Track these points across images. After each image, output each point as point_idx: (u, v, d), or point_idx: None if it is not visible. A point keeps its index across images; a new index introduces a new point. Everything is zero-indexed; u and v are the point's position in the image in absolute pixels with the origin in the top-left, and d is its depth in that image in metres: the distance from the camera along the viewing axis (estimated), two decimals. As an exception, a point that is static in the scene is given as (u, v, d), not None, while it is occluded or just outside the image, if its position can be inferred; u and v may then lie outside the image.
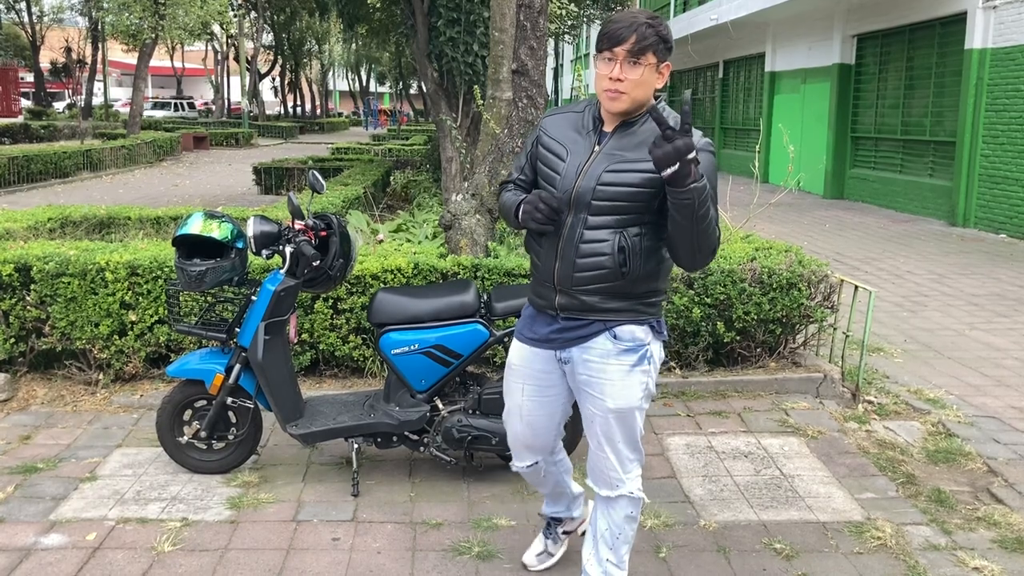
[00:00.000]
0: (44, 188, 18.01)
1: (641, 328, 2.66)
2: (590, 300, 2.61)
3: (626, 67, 2.50)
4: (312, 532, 3.53)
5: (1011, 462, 4.23)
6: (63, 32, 48.31)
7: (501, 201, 2.84)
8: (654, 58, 2.51)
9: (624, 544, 2.82)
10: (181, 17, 24.80)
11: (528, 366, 2.81)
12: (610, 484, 2.76)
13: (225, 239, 3.80)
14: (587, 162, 2.60)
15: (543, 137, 2.75)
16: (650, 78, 2.54)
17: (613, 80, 2.51)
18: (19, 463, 4.13)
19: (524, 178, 2.84)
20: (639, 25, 2.49)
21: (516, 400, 2.86)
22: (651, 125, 2.55)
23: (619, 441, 2.71)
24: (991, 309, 7.46)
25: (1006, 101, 11.73)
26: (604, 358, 2.65)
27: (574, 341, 2.68)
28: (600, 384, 2.66)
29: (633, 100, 2.54)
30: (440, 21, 9.91)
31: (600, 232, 2.56)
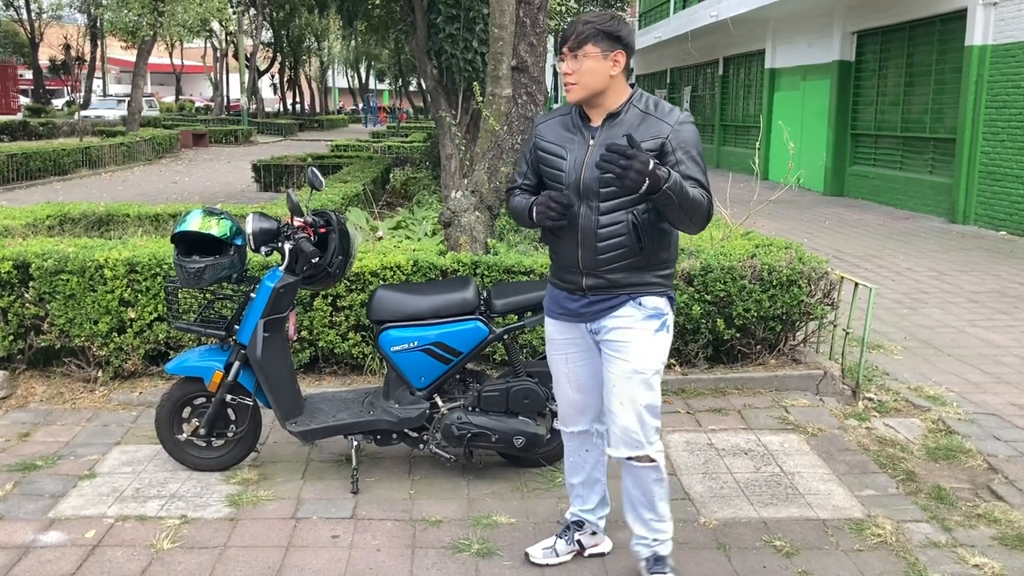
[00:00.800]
0: (43, 185, 18.00)
1: (661, 299, 2.95)
2: (615, 277, 2.89)
3: (571, 61, 2.83)
4: (311, 529, 3.52)
5: (1011, 459, 4.23)
6: (62, 29, 48.27)
7: (512, 206, 3.11)
8: (595, 48, 2.80)
9: (660, 501, 3.07)
10: (180, 14, 24.75)
11: (566, 335, 3.08)
12: (631, 444, 2.96)
13: (224, 236, 3.79)
14: (586, 155, 2.87)
15: (540, 142, 3.03)
16: (597, 66, 2.82)
17: (565, 75, 2.85)
18: (18, 461, 4.13)
19: (528, 182, 3.11)
20: (579, 24, 2.84)
21: (562, 369, 3.12)
22: (635, 112, 2.87)
23: (641, 404, 2.92)
24: (991, 306, 7.45)
25: (1006, 98, 11.72)
26: (630, 324, 2.91)
27: (603, 312, 2.94)
28: (626, 347, 2.91)
29: (586, 88, 2.84)
30: (439, 18, 9.90)
31: (614, 215, 2.83)
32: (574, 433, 3.22)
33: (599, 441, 3.22)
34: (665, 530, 3.10)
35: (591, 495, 3.29)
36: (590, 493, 3.29)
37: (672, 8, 26.57)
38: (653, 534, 3.09)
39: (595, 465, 3.26)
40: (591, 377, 3.09)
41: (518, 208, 3.07)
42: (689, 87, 26.77)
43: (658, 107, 2.87)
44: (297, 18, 44.97)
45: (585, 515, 3.31)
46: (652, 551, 3.10)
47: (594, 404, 3.14)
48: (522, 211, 3.03)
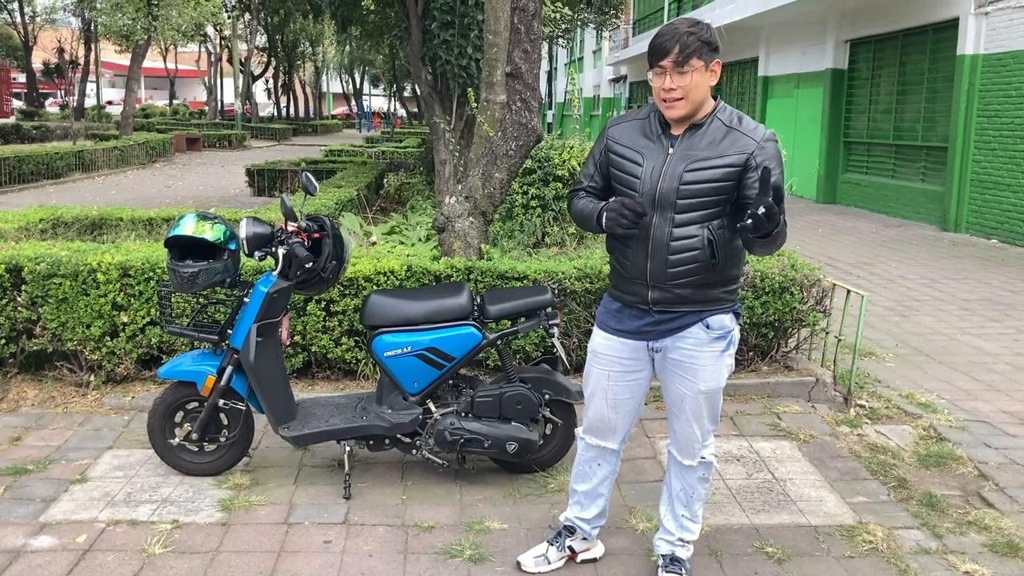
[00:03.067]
0: (36, 189, 17.96)
1: (728, 316, 2.92)
2: (683, 292, 2.83)
3: (675, 76, 2.71)
4: (304, 534, 3.52)
5: (1002, 466, 4.24)
6: (56, 33, 48.15)
7: (576, 208, 3.01)
8: (700, 62, 2.71)
9: (697, 501, 3.13)
10: (174, 18, 24.77)
11: (615, 354, 3.00)
12: (692, 454, 3.05)
13: (218, 240, 3.79)
14: (664, 164, 2.80)
15: (613, 145, 2.94)
16: (701, 80, 2.73)
17: (667, 91, 2.74)
18: (9, 464, 4.11)
19: (594, 185, 3.03)
20: (680, 35, 2.70)
21: (601, 384, 3.05)
22: (718, 125, 2.79)
23: (705, 418, 2.99)
24: (982, 314, 7.49)
25: (997, 107, 11.78)
26: (698, 346, 2.89)
27: (668, 332, 2.91)
28: (694, 369, 2.91)
29: (691, 103, 2.75)
30: (434, 24, 9.92)
31: (688, 228, 2.77)
32: (594, 445, 3.18)
33: (615, 460, 3.22)
34: (693, 531, 3.15)
35: (591, 505, 3.27)
36: (590, 503, 3.27)
37: (666, 15, 26.68)
38: (680, 532, 3.13)
39: (602, 481, 3.23)
40: (629, 399, 3.06)
41: (583, 212, 2.96)
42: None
43: (743, 122, 2.81)
44: (292, 23, 45.02)
45: (580, 522, 3.30)
46: (672, 550, 3.15)
47: (625, 426, 3.12)
48: (588, 215, 2.92)
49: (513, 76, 5.44)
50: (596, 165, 3.02)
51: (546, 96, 38.30)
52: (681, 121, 2.82)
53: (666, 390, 3.02)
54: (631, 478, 4.07)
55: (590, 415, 3.14)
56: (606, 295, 3.07)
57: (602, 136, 3.02)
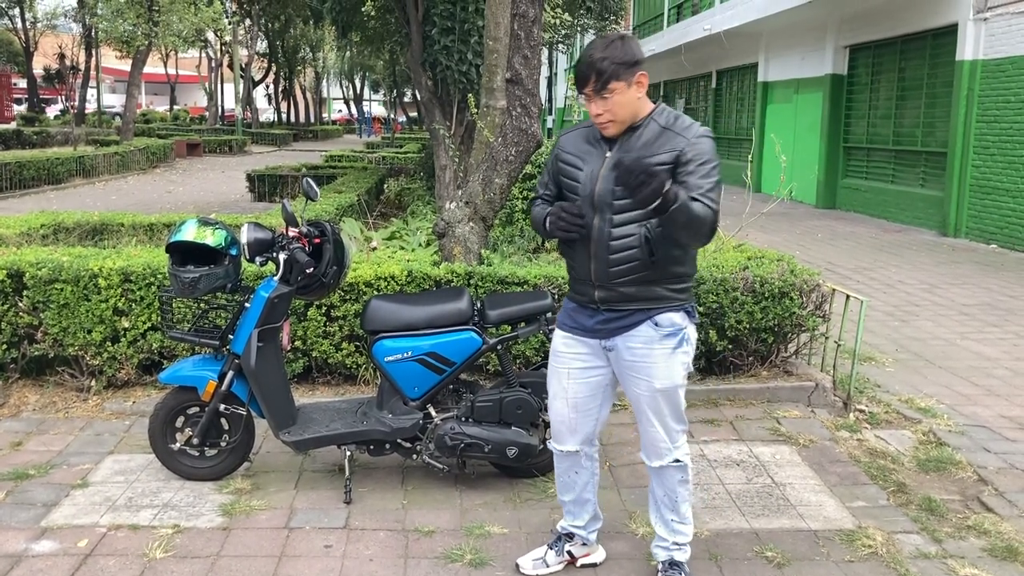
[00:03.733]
0: (37, 194, 17.98)
1: (678, 314, 2.96)
2: (627, 291, 2.90)
3: (599, 102, 2.82)
4: (304, 539, 3.52)
5: (1001, 471, 4.25)
6: (57, 38, 48.22)
7: (533, 216, 3.14)
8: (619, 83, 2.80)
9: (683, 503, 3.13)
10: (175, 24, 24.81)
11: (573, 351, 3.07)
12: (659, 454, 3.05)
13: (219, 246, 3.81)
14: (602, 167, 2.90)
15: (561, 154, 3.05)
16: (624, 99, 2.82)
17: (595, 116, 2.86)
18: (10, 469, 4.12)
19: (549, 193, 3.13)
20: (595, 62, 2.79)
21: (562, 383, 3.10)
22: (654, 127, 2.87)
23: (667, 415, 3.00)
24: (982, 319, 7.50)
25: (997, 112, 11.81)
26: (648, 344, 2.93)
27: (618, 331, 2.96)
28: (646, 367, 2.94)
29: (619, 123, 2.86)
30: (434, 30, 9.94)
31: (626, 228, 2.84)
32: (563, 453, 3.20)
33: (588, 464, 3.23)
34: (685, 533, 3.16)
35: (582, 512, 3.30)
36: (580, 511, 3.30)
37: (666, 21, 26.73)
38: (673, 536, 3.14)
39: (584, 486, 3.26)
40: (588, 397, 3.09)
41: (536, 218, 3.10)
42: (683, 99, 26.88)
43: (677, 121, 2.87)
44: (292, 29, 45.08)
45: (576, 529, 3.33)
46: (669, 555, 3.16)
47: (586, 426, 3.14)
48: (538, 221, 3.06)
49: (513, 82, 5.46)
50: (549, 174, 3.13)
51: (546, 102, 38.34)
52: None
53: (627, 394, 3.06)
54: (631, 483, 4.08)
55: (552, 419, 3.19)
56: (566, 297, 3.15)
57: (555, 146, 3.13)
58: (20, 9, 42.46)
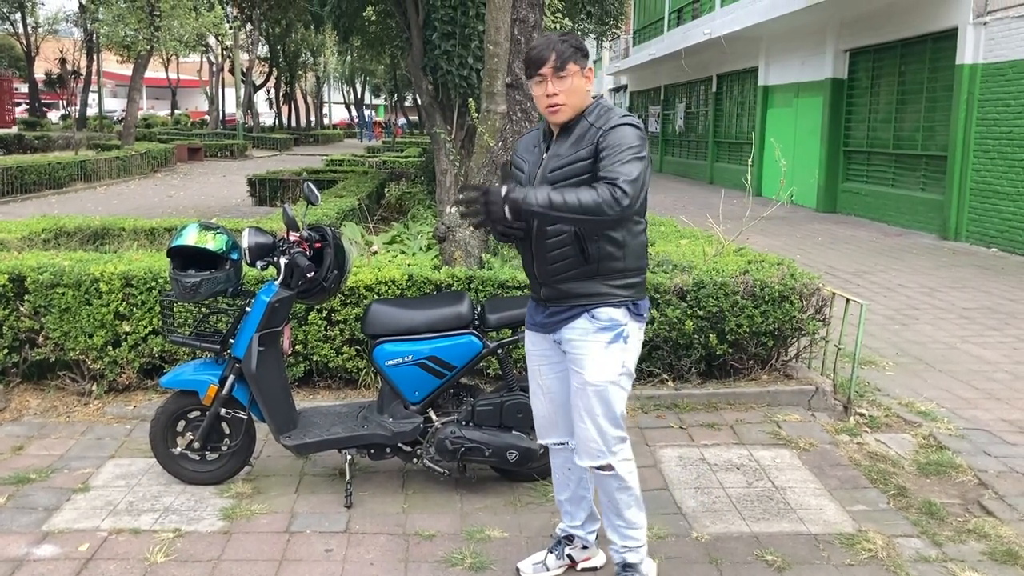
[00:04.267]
0: (38, 198, 18.00)
1: (618, 310, 2.95)
2: (566, 288, 2.94)
3: (556, 82, 2.85)
4: (305, 543, 3.53)
5: (1001, 474, 4.25)
6: (58, 43, 48.34)
7: None
8: (576, 66, 2.86)
9: (627, 509, 3.10)
10: (176, 28, 24.83)
11: (538, 347, 3.14)
12: (592, 455, 3.01)
13: (220, 250, 3.82)
14: (538, 169, 2.98)
15: (514, 158, 3.15)
16: (579, 84, 2.87)
17: (549, 96, 2.86)
18: (11, 473, 4.13)
19: None
20: (554, 43, 2.86)
21: (536, 380, 3.17)
22: (584, 123, 2.89)
23: (599, 415, 2.96)
24: (982, 322, 7.50)
25: (996, 116, 11.82)
26: (583, 336, 2.94)
27: (561, 323, 2.99)
28: (580, 359, 2.95)
29: (573, 108, 2.89)
30: (435, 35, 9.96)
31: (559, 226, 2.85)
32: (556, 449, 3.24)
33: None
34: (636, 537, 3.13)
35: (578, 511, 3.31)
36: (577, 509, 3.30)
37: (666, 26, 26.77)
38: (623, 540, 3.13)
39: (579, 483, 3.27)
40: (561, 391, 3.12)
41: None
42: (683, 104, 26.92)
43: (603, 115, 2.88)
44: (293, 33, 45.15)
45: (574, 530, 3.32)
46: (621, 557, 3.15)
47: (564, 418, 3.15)
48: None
49: (513, 87, 5.47)
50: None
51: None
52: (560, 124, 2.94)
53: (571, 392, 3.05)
54: (631, 487, 4.07)
55: (535, 416, 3.25)
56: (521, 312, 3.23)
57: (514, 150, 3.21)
58: (22, 14, 42.56)
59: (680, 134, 27.16)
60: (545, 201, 2.65)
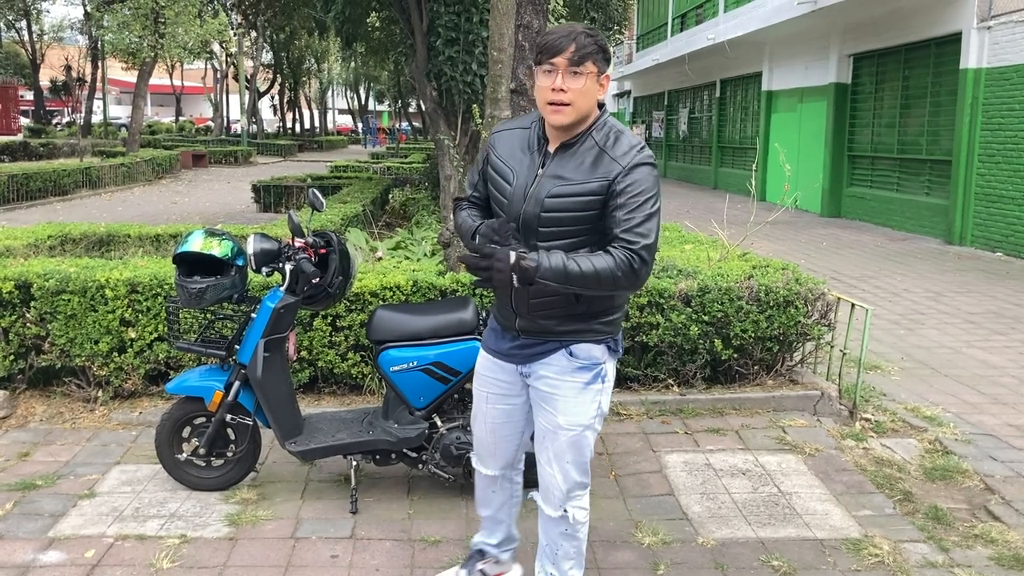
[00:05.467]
0: (43, 205, 18.05)
1: (598, 347, 2.68)
2: (547, 323, 2.65)
3: (568, 77, 2.47)
4: (311, 549, 3.53)
5: (1008, 479, 4.24)
6: (63, 50, 48.53)
7: (459, 220, 2.80)
8: (594, 67, 2.49)
9: (565, 560, 2.84)
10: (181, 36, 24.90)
11: (492, 375, 2.86)
12: (552, 503, 2.80)
13: (225, 256, 3.82)
14: (532, 185, 2.58)
15: (491, 156, 2.73)
16: (592, 88, 2.51)
17: (556, 91, 2.48)
18: (18, 480, 4.14)
19: (478, 195, 2.83)
20: (577, 34, 2.48)
21: (482, 407, 2.92)
22: (590, 143, 2.56)
23: (567, 461, 2.73)
24: (988, 327, 7.48)
25: (1001, 120, 11.81)
26: (560, 375, 2.68)
27: (534, 357, 2.72)
28: (553, 399, 2.70)
29: (577, 111, 2.51)
30: (439, 41, 9.99)
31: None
32: (482, 473, 3.05)
33: (507, 486, 3.07)
34: None
35: (496, 530, 3.15)
36: (495, 528, 3.15)
37: (670, 31, 26.78)
38: None
39: (500, 507, 3.09)
40: (505, 424, 2.89)
41: (463, 226, 2.76)
42: (687, 109, 26.93)
43: (617, 143, 2.54)
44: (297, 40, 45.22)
45: (488, 547, 3.17)
46: None
47: (505, 451, 2.95)
48: (466, 232, 2.72)
49: (517, 92, 5.48)
50: (480, 174, 2.81)
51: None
52: (562, 132, 2.58)
53: (535, 424, 2.81)
54: (636, 492, 4.07)
55: (474, 438, 3.03)
56: (492, 314, 2.89)
57: (487, 143, 2.79)
58: (27, 22, 42.73)
59: (684, 139, 27.17)
60: (560, 272, 2.38)
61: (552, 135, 2.62)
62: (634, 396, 5.09)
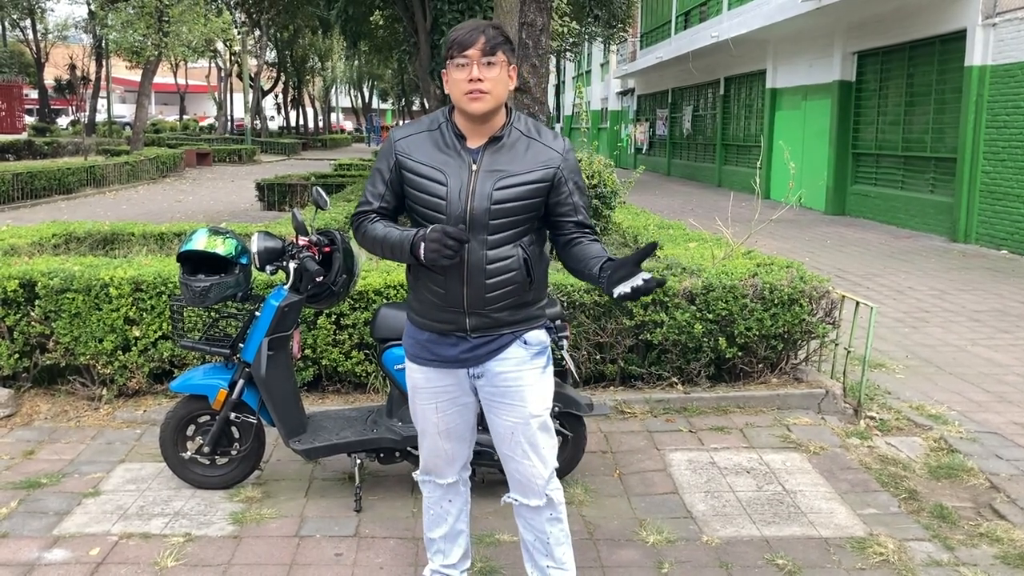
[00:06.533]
0: (48, 204, 18.09)
1: (542, 331, 2.78)
2: (501, 316, 2.66)
3: (482, 68, 2.54)
4: (315, 547, 3.53)
5: (1013, 478, 4.23)
6: (67, 49, 48.62)
7: (372, 235, 2.67)
8: (504, 56, 2.58)
9: (558, 546, 2.87)
10: (185, 34, 24.95)
11: (437, 384, 2.79)
12: (538, 492, 2.80)
13: (229, 255, 3.82)
14: (470, 183, 2.58)
15: (406, 161, 2.65)
16: (504, 77, 2.58)
17: (473, 81, 2.52)
18: (22, 478, 4.14)
19: (386, 205, 2.72)
20: (485, 27, 2.58)
21: (431, 419, 2.84)
22: (516, 134, 2.64)
23: (542, 447, 2.76)
24: (993, 325, 7.47)
25: (1006, 118, 11.78)
26: (519, 365, 2.71)
27: (488, 356, 2.70)
28: (520, 391, 2.71)
29: (496, 99, 2.57)
30: (442, 39, 9.98)
31: (503, 249, 2.60)
32: (438, 484, 2.98)
33: (464, 490, 3.04)
34: None
35: (453, 548, 3.07)
36: (452, 546, 3.07)
37: (673, 29, 26.76)
38: None
39: (458, 516, 3.04)
40: (462, 426, 2.87)
41: (386, 240, 2.62)
42: (690, 107, 26.90)
43: (541, 132, 2.68)
44: (301, 39, 45.30)
45: (448, 570, 3.09)
46: None
47: (463, 454, 2.94)
48: (396, 245, 2.59)
49: (521, 90, 5.48)
50: (387, 183, 2.70)
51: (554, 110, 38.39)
52: (479, 127, 2.61)
53: (495, 428, 2.78)
54: (641, 490, 4.07)
55: (425, 455, 2.94)
56: (410, 325, 2.80)
57: (390, 150, 2.70)
58: (31, 21, 42.82)
59: (688, 137, 27.15)
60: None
61: (471, 131, 2.63)
62: (638, 394, 5.09)
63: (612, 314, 5.02)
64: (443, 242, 2.46)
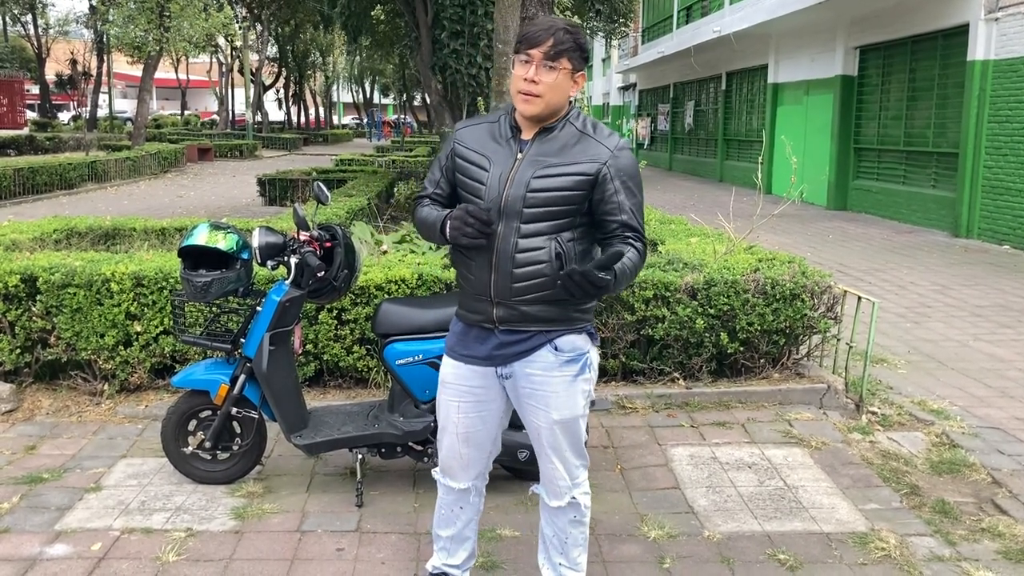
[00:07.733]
0: (49, 199, 18.09)
1: (580, 337, 2.68)
2: (529, 310, 2.60)
3: (541, 70, 2.51)
4: (316, 542, 3.53)
5: (1015, 473, 4.23)
6: (69, 45, 48.60)
7: (420, 216, 2.75)
8: (569, 64, 2.54)
9: (574, 547, 2.86)
10: (186, 29, 24.93)
11: (464, 383, 2.77)
12: (559, 494, 2.80)
13: (231, 250, 3.82)
14: (512, 170, 2.59)
15: (460, 149, 2.70)
16: (564, 83, 2.55)
17: (528, 81, 2.51)
18: (24, 473, 4.15)
19: (440, 192, 2.79)
20: (557, 30, 2.52)
21: (452, 417, 2.81)
22: (570, 130, 2.61)
23: (566, 450, 2.74)
24: (995, 320, 7.46)
25: (1009, 112, 11.75)
26: (547, 371, 2.66)
27: (516, 356, 2.67)
28: (545, 396, 2.67)
29: (547, 104, 2.55)
30: (444, 34, 9.98)
31: (535, 240, 2.55)
32: (451, 488, 2.93)
33: (476, 499, 2.98)
34: None
35: (459, 550, 3.03)
36: (458, 548, 3.03)
37: (675, 23, 26.71)
38: None
39: (467, 524, 2.99)
40: (482, 432, 2.82)
41: (427, 220, 2.70)
42: (692, 102, 26.86)
43: (596, 129, 2.63)
44: (302, 34, 45.27)
45: (450, 569, 3.06)
46: None
47: (480, 461, 2.88)
48: (432, 224, 2.67)
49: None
50: (442, 171, 2.77)
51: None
52: (532, 123, 2.61)
53: (526, 424, 2.78)
54: (642, 486, 4.07)
55: (443, 453, 2.89)
56: (454, 317, 2.82)
57: (450, 140, 2.77)
58: (32, 16, 42.79)
59: (689, 132, 27.11)
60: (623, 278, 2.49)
61: (525, 125, 2.64)
62: (640, 389, 5.08)
63: (614, 309, 5.02)
64: (464, 220, 2.50)
